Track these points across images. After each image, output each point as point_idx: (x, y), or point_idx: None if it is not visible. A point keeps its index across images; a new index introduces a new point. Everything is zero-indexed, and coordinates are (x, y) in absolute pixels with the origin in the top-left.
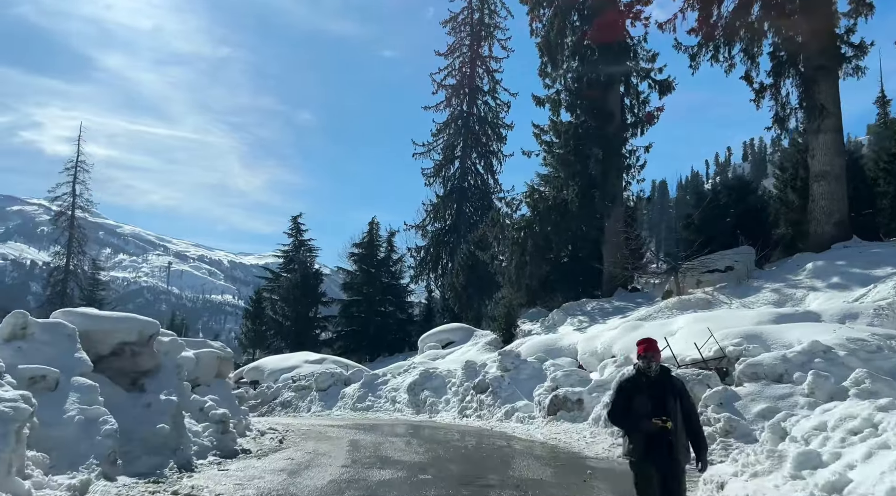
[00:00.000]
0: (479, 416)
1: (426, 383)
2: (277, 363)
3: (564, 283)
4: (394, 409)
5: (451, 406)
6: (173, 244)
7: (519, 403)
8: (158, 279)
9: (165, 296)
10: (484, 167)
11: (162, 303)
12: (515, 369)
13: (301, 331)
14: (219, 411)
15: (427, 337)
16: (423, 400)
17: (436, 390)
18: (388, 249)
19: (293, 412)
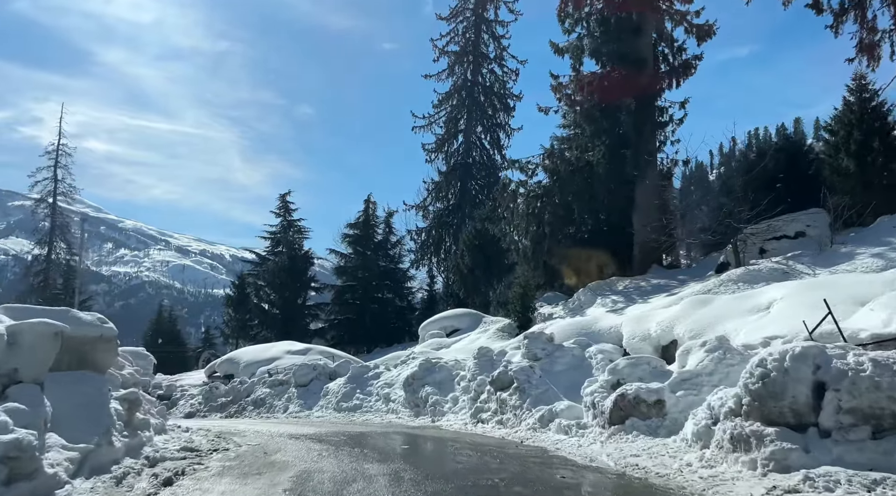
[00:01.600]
0: (500, 422)
1: (427, 377)
2: (255, 354)
3: (589, 260)
4: (387, 410)
5: (461, 406)
6: (175, 239)
7: (559, 405)
8: (160, 274)
9: (168, 290)
10: (490, 141)
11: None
12: (548, 358)
13: (289, 320)
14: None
15: (428, 324)
16: (423, 398)
17: (440, 386)
18: (385, 231)
19: (267, 412)
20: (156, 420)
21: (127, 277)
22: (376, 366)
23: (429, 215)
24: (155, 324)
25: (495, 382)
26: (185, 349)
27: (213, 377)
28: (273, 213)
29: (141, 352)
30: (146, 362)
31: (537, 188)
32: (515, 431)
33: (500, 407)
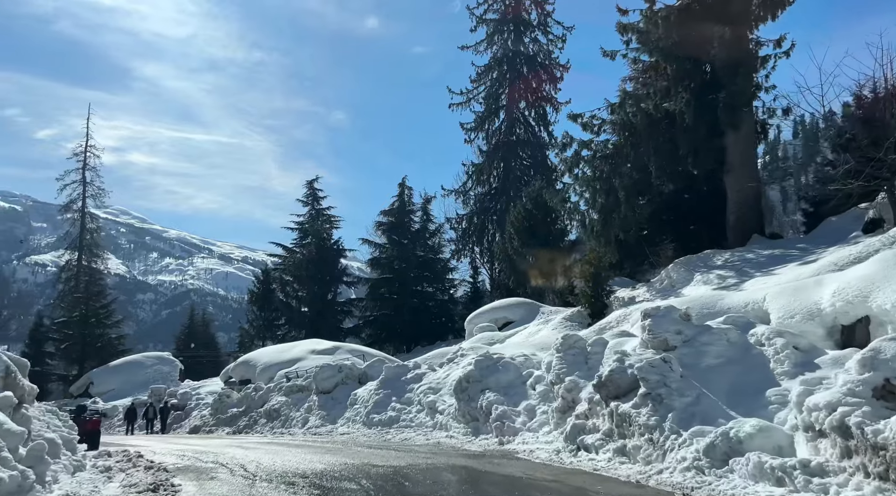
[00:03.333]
0: (621, 453)
1: (487, 378)
2: (274, 355)
3: (671, 231)
4: (433, 425)
5: (541, 421)
6: (218, 247)
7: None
8: (204, 281)
9: (212, 297)
10: (535, 117)
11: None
12: (688, 346)
13: (319, 318)
14: None
15: (476, 317)
16: (483, 408)
17: (506, 391)
18: (423, 219)
19: (282, 426)
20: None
21: (172, 286)
22: (417, 365)
23: (469, 201)
24: (188, 328)
25: (605, 386)
26: (219, 353)
27: (228, 383)
28: (300, 201)
29: (166, 358)
30: (171, 367)
31: (605, 147)
32: (658, 472)
33: (617, 426)
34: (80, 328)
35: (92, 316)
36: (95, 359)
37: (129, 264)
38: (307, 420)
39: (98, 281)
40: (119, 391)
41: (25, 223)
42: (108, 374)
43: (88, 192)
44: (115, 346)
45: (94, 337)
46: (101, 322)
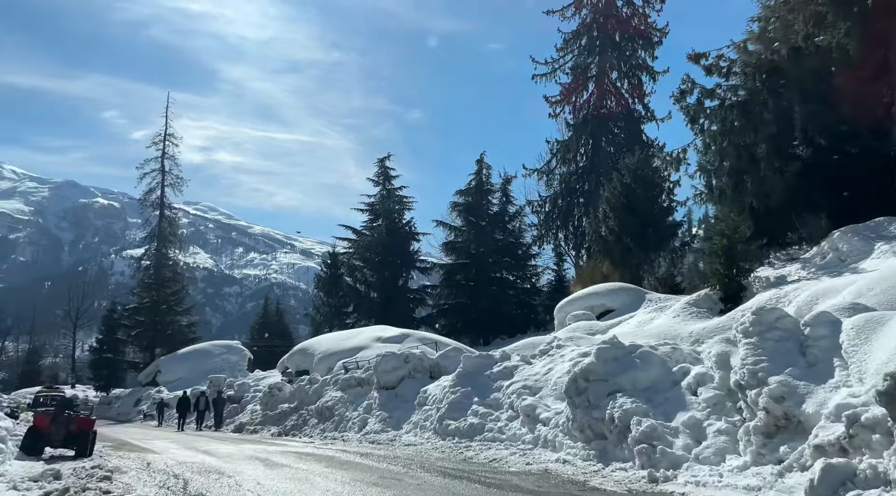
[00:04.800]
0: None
1: (618, 376)
2: (334, 343)
3: (823, 197)
4: (533, 440)
5: (721, 448)
6: (300, 242)
7: None
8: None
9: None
10: (629, 88)
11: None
12: None
13: (389, 305)
14: None
15: (568, 304)
16: (615, 420)
17: (648, 396)
18: (502, 201)
19: (334, 429)
20: None
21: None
22: (505, 356)
23: (554, 181)
24: (262, 318)
25: None
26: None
27: (286, 374)
28: (371, 180)
29: (234, 347)
30: (239, 357)
31: (735, 94)
32: None
33: None
34: (150, 315)
35: (163, 302)
36: (166, 346)
37: (217, 258)
38: (365, 422)
39: (172, 267)
40: (186, 380)
41: (122, 219)
42: (176, 362)
43: (167, 182)
44: (186, 334)
45: (164, 324)
46: (172, 309)
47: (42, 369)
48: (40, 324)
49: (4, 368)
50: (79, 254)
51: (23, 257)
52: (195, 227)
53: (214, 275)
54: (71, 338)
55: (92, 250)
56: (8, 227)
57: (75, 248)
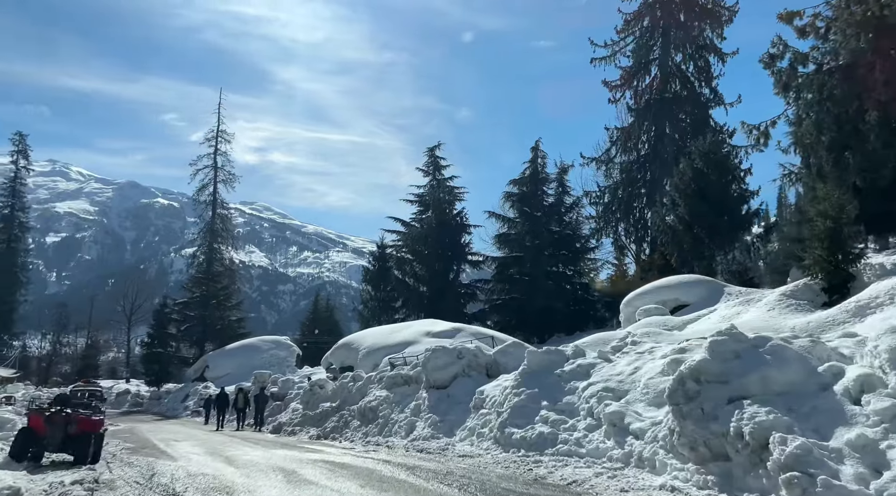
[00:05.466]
0: None
1: (744, 376)
2: (380, 338)
3: None
4: (624, 457)
5: None
6: (351, 241)
7: None
8: (339, 274)
9: (346, 289)
10: (695, 71)
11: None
12: None
13: (439, 299)
14: None
15: (636, 298)
16: (743, 437)
17: (788, 403)
18: (558, 191)
19: (378, 433)
20: None
21: (310, 278)
22: (579, 352)
23: (613, 170)
24: (312, 314)
25: None
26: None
27: (330, 370)
28: (420, 170)
29: (283, 342)
30: (288, 352)
31: (834, 57)
32: None
33: None
34: (200, 309)
35: (213, 297)
36: (216, 341)
37: (271, 257)
38: (413, 426)
39: (223, 262)
40: (234, 376)
41: (181, 218)
42: (224, 358)
43: (220, 178)
44: (235, 329)
45: (213, 319)
46: (222, 303)
47: (100, 364)
48: (102, 320)
49: (67, 362)
50: (140, 252)
51: (88, 256)
52: (251, 227)
53: (269, 273)
54: (128, 334)
55: (152, 249)
56: (75, 227)
57: (137, 246)
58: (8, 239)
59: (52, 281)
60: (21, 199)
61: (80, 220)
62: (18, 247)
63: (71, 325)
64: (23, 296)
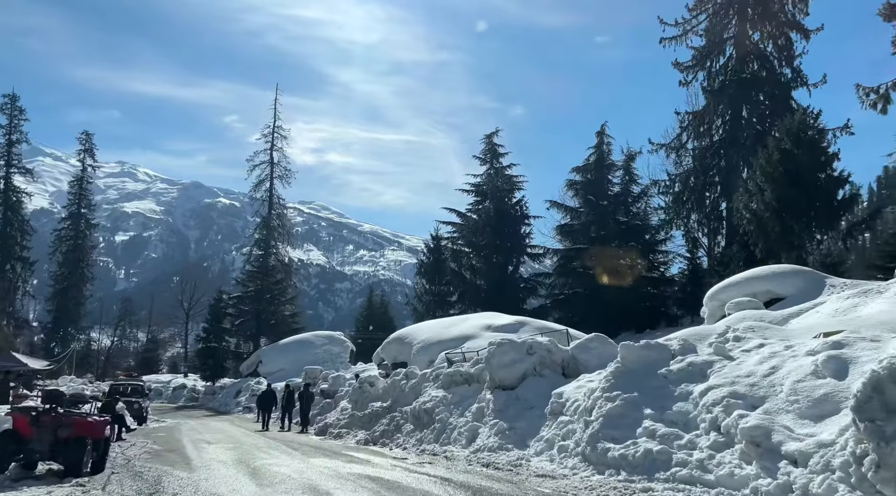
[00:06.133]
0: None
1: None
2: (436, 332)
3: None
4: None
5: None
6: (406, 240)
7: None
8: (394, 272)
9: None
10: (775, 49)
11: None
12: None
13: (497, 293)
14: None
15: (722, 291)
16: None
17: None
18: (625, 179)
19: (434, 440)
20: None
21: (366, 276)
22: (688, 347)
23: (685, 157)
24: (366, 310)
25: None
26: None
27: (381, 367)
28: (477, 158)
29: (336, 337)
30: (341, 348)
31: None
32: None
33: None
34: (254, 304)
35: (267, 291)
36: (270, 336)
37: (329, 255)
38: (475, 433)
39: (278, 257)
40: (288, 371)
41: (242, 217)
42: (277, 353)
43: (276, 173)
44: (290, 324)
45: (267, 313)
46: (276, 298)
47: (162, 358)
48: (164, 316)
49: (129, 357)
50: (203, 250)
51: (154, 254)
52: (309, 226)
53: (326, 271)
54: (186, 329)
55: (215, 247)
56: (142, 226)
57: (200, 244)
58: (75, 236)
59: (121, 278)
60: (87, 197)
61: (146, 219)
62: (85, 243)
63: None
64: (89, 291)
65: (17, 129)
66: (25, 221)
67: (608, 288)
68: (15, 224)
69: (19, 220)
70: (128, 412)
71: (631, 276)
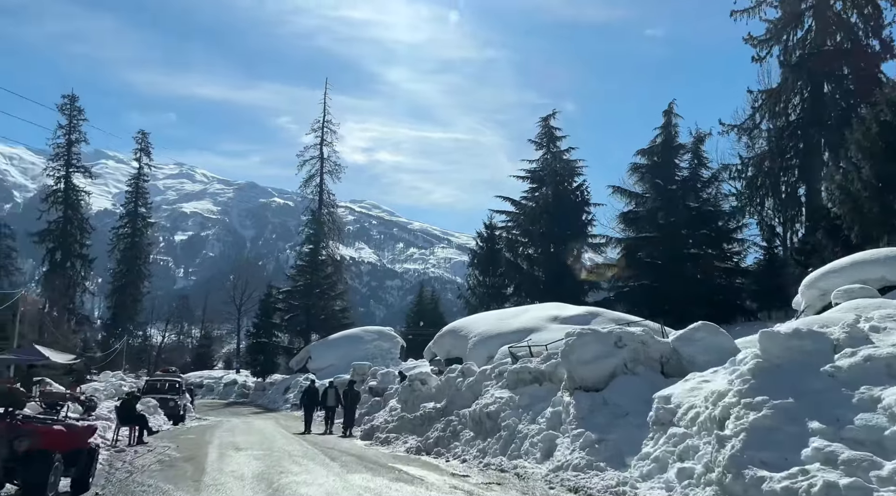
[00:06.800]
0: None
1: None
2: (494, 324)
3: None
4: None
5: None
6: (456, 237)
7: None
8: (444, 270)
9: (451, 285)
10: (860, 19)
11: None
12: None
13: (557, 285)
14: None
15: (822, 278)
16: None
17: None
18: (693, 163)
19: (500, 451)
20: None
21: (416, 274)
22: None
23: (759, 137)
24: (417, 306)
25: None
26: None
27: (433, 363)
28: (533, 142)
29: (386, 333)
30: (392, 344)
31: None
32: None
33: None
34: (304, 298)
35: (316, 286)
36: (320, 332)
37: (380, 254)
38: (552, 445)
39: (328, 251)
40: (337, 367)
41: (296, 216)
42: (327, 348)
43: (326, 168)
44: (340, 319)
45: (317, 308)
46: (326, 293)
47: (217, 354)
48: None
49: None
50: (258, 249)
51: (212, 253)
52: (360, 224)
53: (377, 269)
54: (238, 324)
55: (270, 246)
56: (200, 226)
57: (255, 243)
58: (132, 233)
59: (180, 276)
60: (144, 195)
61: (204, 219)
62: (142, 240)
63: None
64: (146, 288)
65: (76, 129)
66: (85, 220)
67: (677, 280)
68: (75, 222)
69: (79, 218)
70: (162, 410)
71: (702, 267)
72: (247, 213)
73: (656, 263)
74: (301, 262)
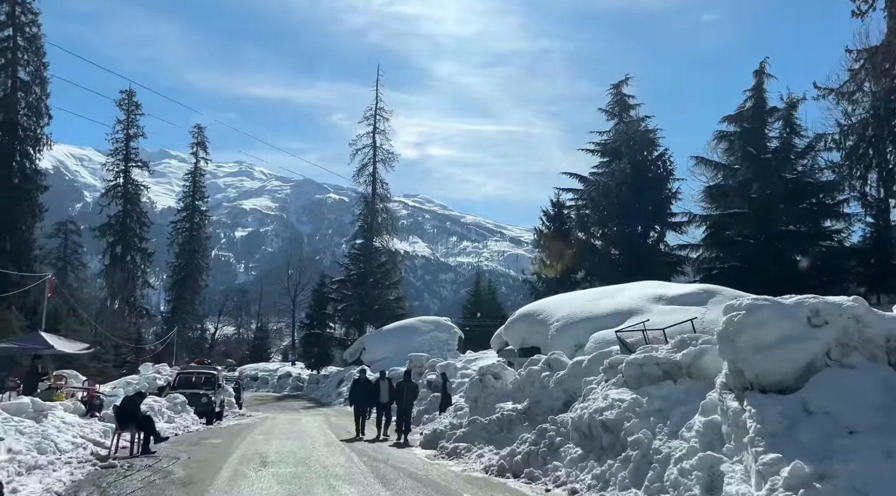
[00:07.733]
0: None
1: None
2: (578, 306)
3: None
4: None
5: None
6: (508, 230)
7: None
8: (497, 263)
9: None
10: None
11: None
12: None
13: (636, 266)
14: None
15: None
16: None
17: None
18: (785, 132)
19: (629, 480)
20: None
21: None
22: None
23: (860, 103)
24: (473, 296)
25: None
26: None
27: (503, 353)
28: (604, 111)
29: (443, 323)
30: (449, 335)
31: None
32: None
33: None
34: (357, 288)
35: (370, 275)
36: (374, 322)
37: (433, 247)
38: (715, 474)
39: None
40: (392, 359)
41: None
42: (381, 340)
43: (378, 157)
44: (394, 309)
45: (371, 298)
46: (379, 282)
47: (273, 347)
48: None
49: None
50: (315, 244)
51: (270, 248)
52: (413, 218)
53: (431, 262)
54: (293, 317)
55: (326, 241)
56: (259, 222)
57: (312, 239)
58: (190, 227)
59: (241, 271)
60: (201, 189)
61: (263, 215)
62: (200, 234)
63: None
64: (204, 281)
65: (133, 124)
66: (143, 213)
67: (773, 260)
68: (134, 216)
69: (138, 212)
70: (192, 407)
71: (802, 247)
72: (304, 209)
73: (748, 242)
74: (354, 251)
